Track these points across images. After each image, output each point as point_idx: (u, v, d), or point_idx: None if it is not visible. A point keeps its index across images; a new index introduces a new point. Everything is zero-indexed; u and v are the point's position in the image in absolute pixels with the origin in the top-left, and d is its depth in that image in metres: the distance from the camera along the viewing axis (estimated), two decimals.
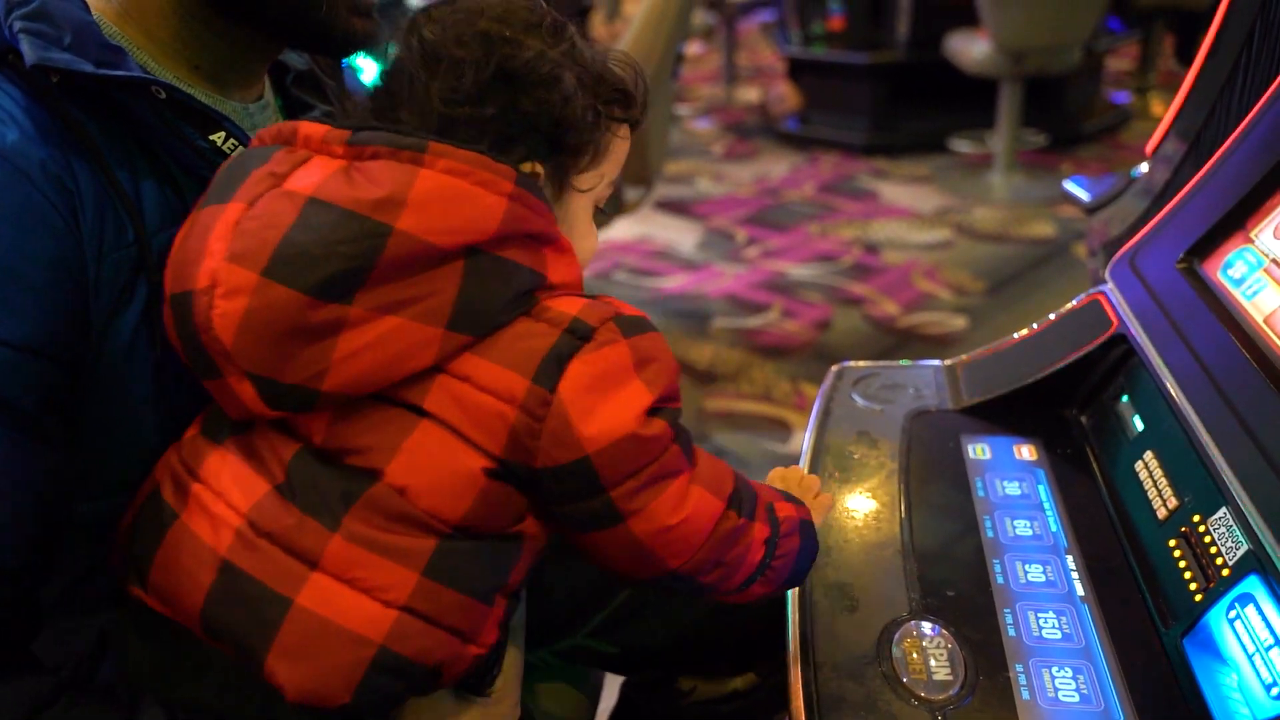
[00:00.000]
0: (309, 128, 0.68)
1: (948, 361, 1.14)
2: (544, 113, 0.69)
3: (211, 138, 0.74)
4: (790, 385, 2.83)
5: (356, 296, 0.61)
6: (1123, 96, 5.54)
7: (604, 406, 0.65)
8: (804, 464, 1.01)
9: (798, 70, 5.41)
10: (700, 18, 6.57)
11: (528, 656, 1.06)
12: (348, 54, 0.87)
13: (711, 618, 1.02)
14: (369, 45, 0.83)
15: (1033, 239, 3.83)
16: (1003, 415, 1.03)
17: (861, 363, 1.19)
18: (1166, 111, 1.29)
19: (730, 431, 2.61)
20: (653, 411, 0.66)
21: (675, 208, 4.42)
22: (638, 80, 0.76)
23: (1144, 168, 1.47)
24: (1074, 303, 1.08)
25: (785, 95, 5.68)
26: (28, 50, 0.66)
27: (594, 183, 0.75)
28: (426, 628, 0.65)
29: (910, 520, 0.88)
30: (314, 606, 0.64)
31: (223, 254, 0.63)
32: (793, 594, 0.80)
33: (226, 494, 0.67)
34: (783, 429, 2.62)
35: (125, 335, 0.71)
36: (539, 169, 0.71)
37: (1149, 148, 1.45)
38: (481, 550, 0.67)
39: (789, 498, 0.78)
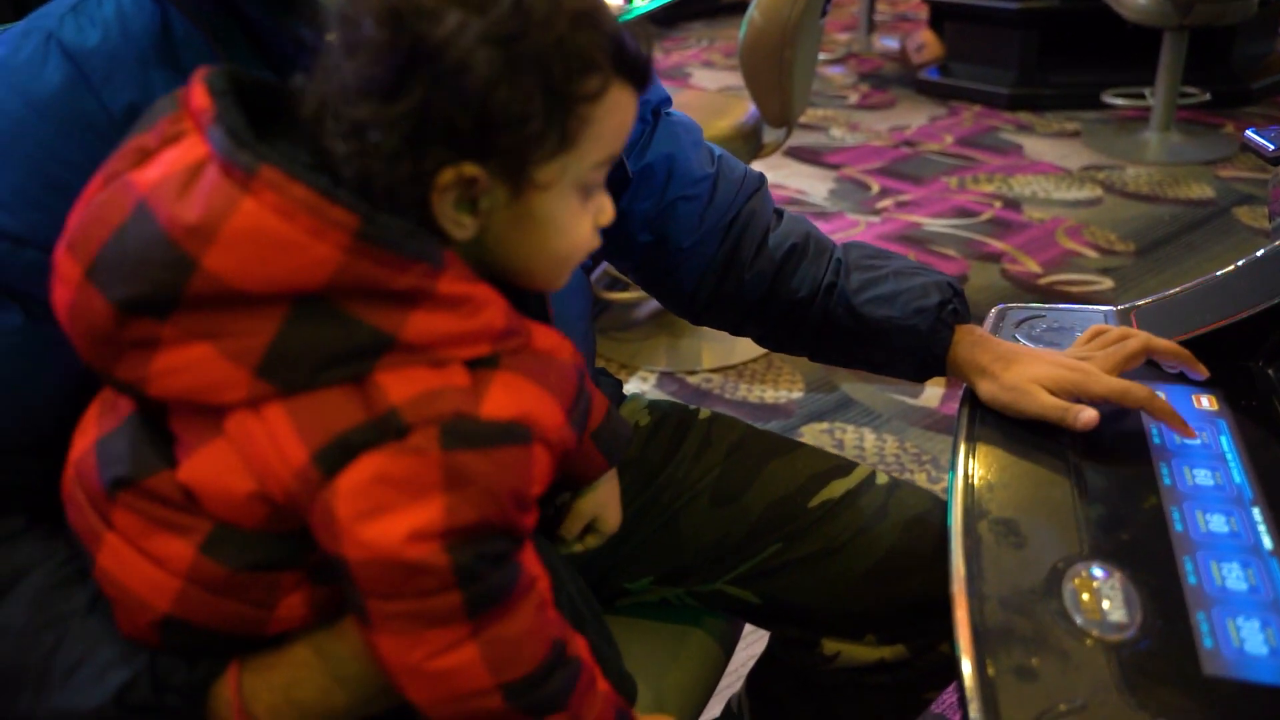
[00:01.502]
0: (199, 95, 0.58)
1: (1121, 306, 1.09)
2: (461, 107, 0.56)
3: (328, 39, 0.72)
4: None
5: (171, 316, 0.56)
6: None
7: (380, 519, 0.56)
8: (963, 410, 0.97)
9: (941, 16, 5.21)
10: None
11: (664, 593, 1.06)
12: None
13: (866, 583, 0.98)
14: None
15: (1189, 200, 3.62)
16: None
17: (1023, 304, 1.14)
18: None
19: (859, 382, 2.57)
20: (443, 540, 0.56)
21: (807, 155, 4.34)
22: (625, 36, 0.61)
23: None
24: (1261, 252, 1.01)
25: (926, 43, 5.48)
26: None
27: (557, 175, 0.60)
28: (212, 599, 0.62)
29: (1081, 465, 0.85)
30: (111, 568, 0.63)
31: (67, 237, 0.59)
32: (956, 526, 0.78)
33: (79, 433, 0.66)
34: (912, 384, 2.56)
35: None
36: (473, 172, 0.57)
37: None
38: (264, 537, 0.61)
39: None
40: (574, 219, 0.64)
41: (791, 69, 2.33)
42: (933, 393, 2.51)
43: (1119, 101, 4.56)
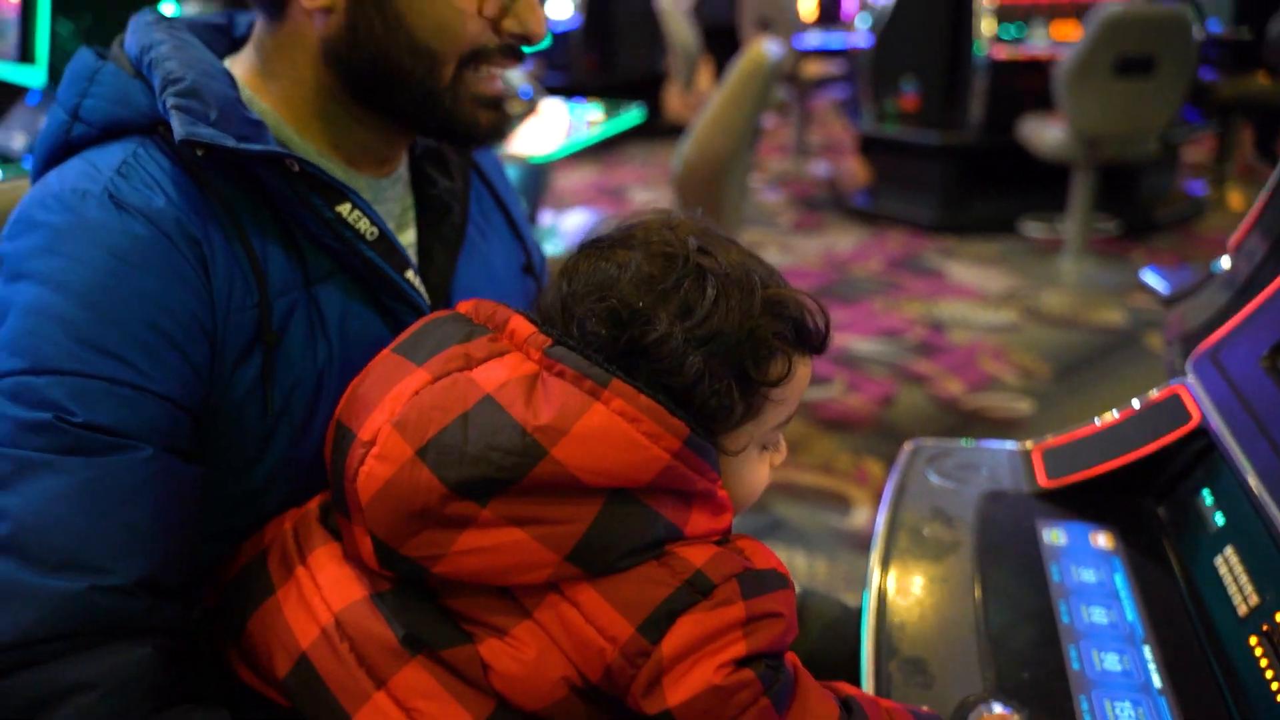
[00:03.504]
0: (518, 322, 0.70)
1: (1024, 444, 1.15)
2: (674, 388, 0.66)
3: (338, 209, 0.78)
4: (852, 459, 2.82)
5: (492, 501, 0.62)
6: (1198, 187, 5.50)
7: (700, 663, 0.63)
8: (877, 539, 1.02)
9: (869, 147, 5.47)
10: (775, 92, 6.69)
11: None
12: (471, 147, 0.92)
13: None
14: (494, 139, 0.88)
15: (1102, 326, 3.80)
16: (1079, 502, 1.03)
17: (935, 440, 1.20)
18: (1247, 206, 1.29)
19: (790, 503, 2.61)
20: (743, 662, 0.64)
21: None
22: (805, 316, 0.71)
23: (1225, 262, 1.47)
24: (1154, 393, 1.08)
25: (855, 171, 5.74)
26: (177, 125, 0.72)
27: (744, 442, 0.72)
28: None
29: (985, 600, 0.89)
30: None
31: (392, 416, 0.65)
32: (868, 666, 0.81)
33: (325, 589, 0.70)
34: (843, 503, 2.62)
35: (239, 392, 0.76)
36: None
37: (1231, 243, 1.45)
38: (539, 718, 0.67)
39: None
40: (753, 472, 0.75)
41: (723, 200, 2.44)
42: (863, 513, 2.56)
43: (1035, 230, 4.80)
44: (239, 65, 0.86)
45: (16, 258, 0.73)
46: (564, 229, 2.85)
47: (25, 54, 2.62)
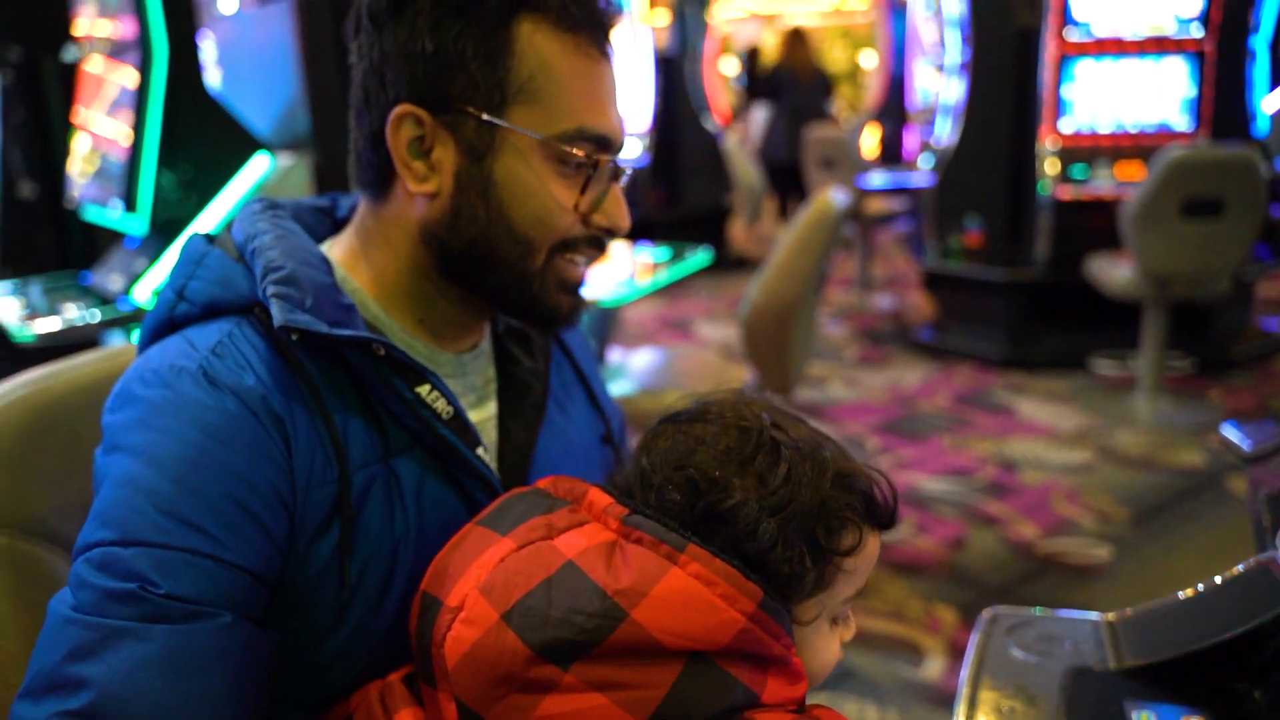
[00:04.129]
0: (596, 494, 0.75)
1: (1107, 616, 1.12)
2: (749, 554, 0.69)
3: (417, 390, 0.82)
4: (923, 606, 2.75)
5: (574, 665, 0.64)
6: (1275, 324, 5.40)
7: None
8: (958, 715, 0.99)
9: (933, 282, 5.50)
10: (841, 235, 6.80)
11: None
12: (550, 329, 0.96)
13: None
14: (572, 322, 0.92)
15: (1181, 468, 3.69)
16: (1167, 681, 1.00)
17: (1014, 609, 1.17)
18: None
19: (861, 651, 2.54)
20: None
21: (806, 411, 4.46)
22: (874, 490, 0.75)
23: None
24: (1242, 566, 1.06)
25: (919, 305, 5.76)
26: (277, 312, 0.77)
27: (815, 612, 0.74)
28: None
29: None
30: None
31: (479, 582, 0.69)
32: None
33: None
34: (915, 653, 2.54)
35: (316, 566, 0.78)
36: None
37: None
38: None
39: None
40: (826, 645, 0.76)
41: (790, 343, 2.47)
42: (936, 663, 2.48)
43: (1106, 367, 4.74)
44: (337, 247, 0.92)
45: (115, 430, 0.78)
46: (632, 367, 2.89)
47: (130, 202, 2.79)
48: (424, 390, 0.82)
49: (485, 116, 0.82)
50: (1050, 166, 4.77)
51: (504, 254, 0.85)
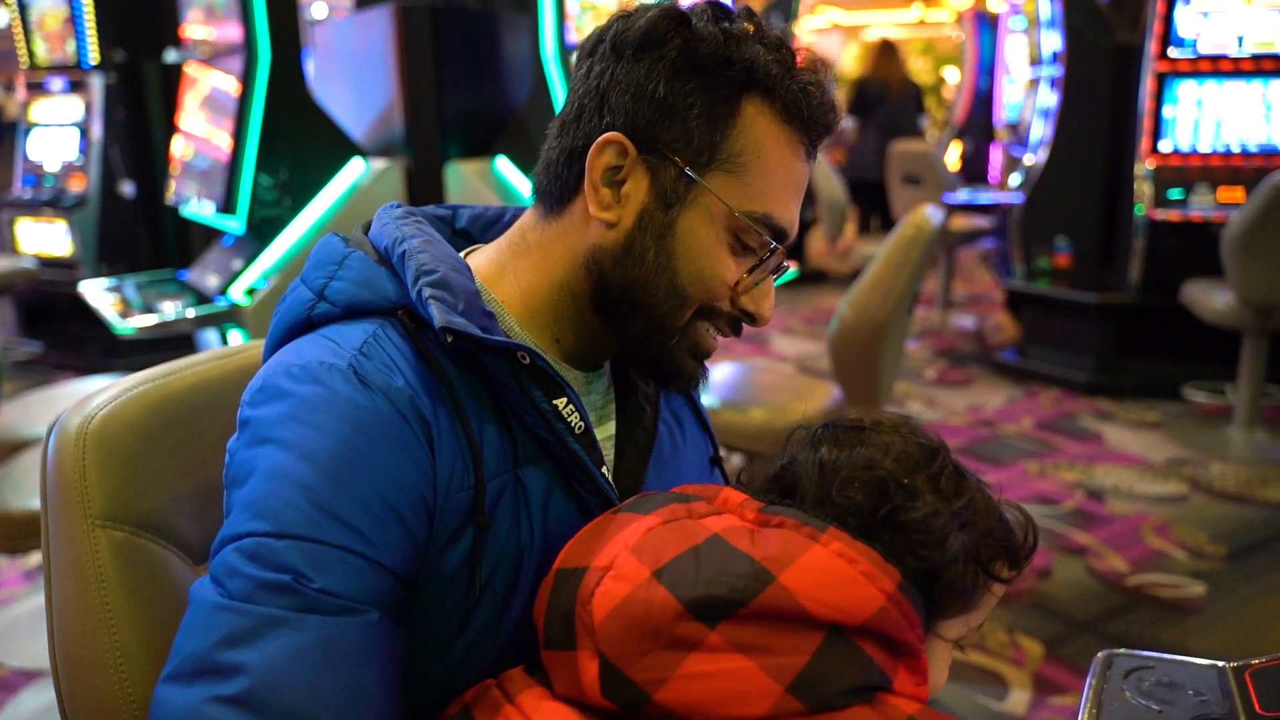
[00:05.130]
0: (729, 493, 0.79)
1: (1231, 664, 1.06)
2: (924, 568, 0.72)
3: (555, 402, 0.82)
4: (1007, 636, 2.67)
5: (720, 624, 0.66)
6: None
7: None
8: None
9: (1017, 302, 5.37)
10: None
11: None
12: (669, 387, 0.97)
13: None
14: (690, 388, 0.93)
15: (1278, 504, 3.54)
16: None
17: (1130, 652, 1.12)
18: None
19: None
20: None
21: None
22: (1028, 535, 0.79)
23: None
24: None
25: (1002, 325, 5.63)
26: (437, 313, 0.78)
27: (960, 631, 0.78)
28: None
29: None
30: None
31: (628, 545, 0.71)
32: None
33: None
34: (999, 684, 2.46)
35: (448, 571, 0.79)
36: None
37: None
38: None
39: None
40: (943, 664, 0.79)
41: (879, 362, 2.42)
42: (1020, 696, 2.40)
43: (1200, 396, 4.57)
44: (478, 256, 0.93)
45: (263, 423, 0.77)
46: (712, 381, 2.87)
47: (228, 202, 2.85)
48: (560, 403, 0.83)
49: (688, 170, 0.84)
50: (1147, 188, 4.63)
51: (656, 301, 0.86)
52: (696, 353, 0.90)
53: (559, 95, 2.89)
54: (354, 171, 2.93)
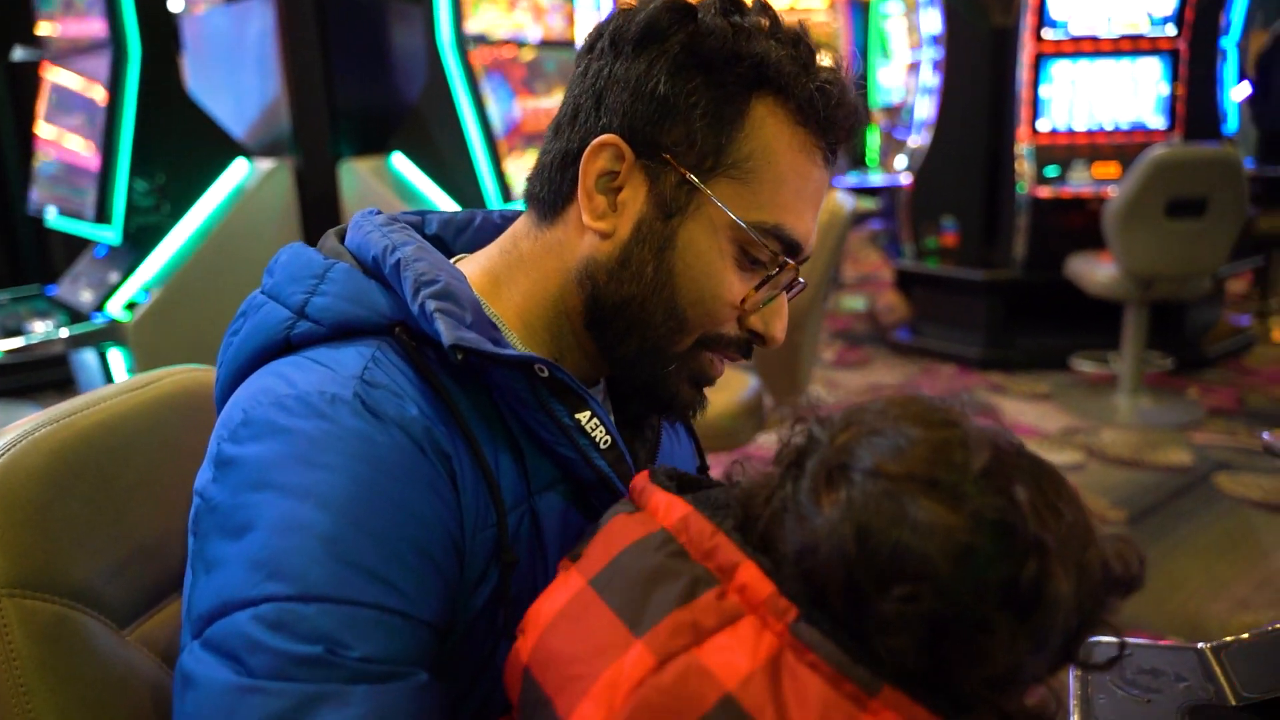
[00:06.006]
0: (750, 574, 0.57)
1: (1208, 645, 1.06)
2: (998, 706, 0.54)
3: (577, 416, 0.74)
4: None
5: None
6: (1245, 319, 5.46)
7: None
8: None
9: (907, 282, 5.48)
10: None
11: None
12: (663, 414, 0.90)
13: None
14: (686, 416, 0.86)
15: (1170, 465, 3.69)
16: None
17: (1104, 639, 1.11)
18: None
19: None
20: None
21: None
22: (1133, 576, 0.58)
23: None
24: None
25: (894, 305, 5.74)
26: (445, 330, 0.69)
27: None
28: None
29: None
30: None
31: (611, 713, 0.55)
32: None
33: None
34: None
35: (473, 611, 0.71)
36: None
37: None
38: None
39: None
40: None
41: (800, 350, 2.40)
42: None
43: (1087, 366, 4.75)
44: (468, 266, 0.84)
45: (258, 465, 0.66)
46: None
47: (101, 211, 2.65)
48: (584, 416, 0.74)
49: (690, 176, 0.76)
50: (1027, 166, 4.77)
51: (654, 323, 0.78)
52: (696, 380, 0.82)
53: (459, 88, 2.78)
54: (238, 173, 2.76)
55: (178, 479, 0.88)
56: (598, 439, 0.75)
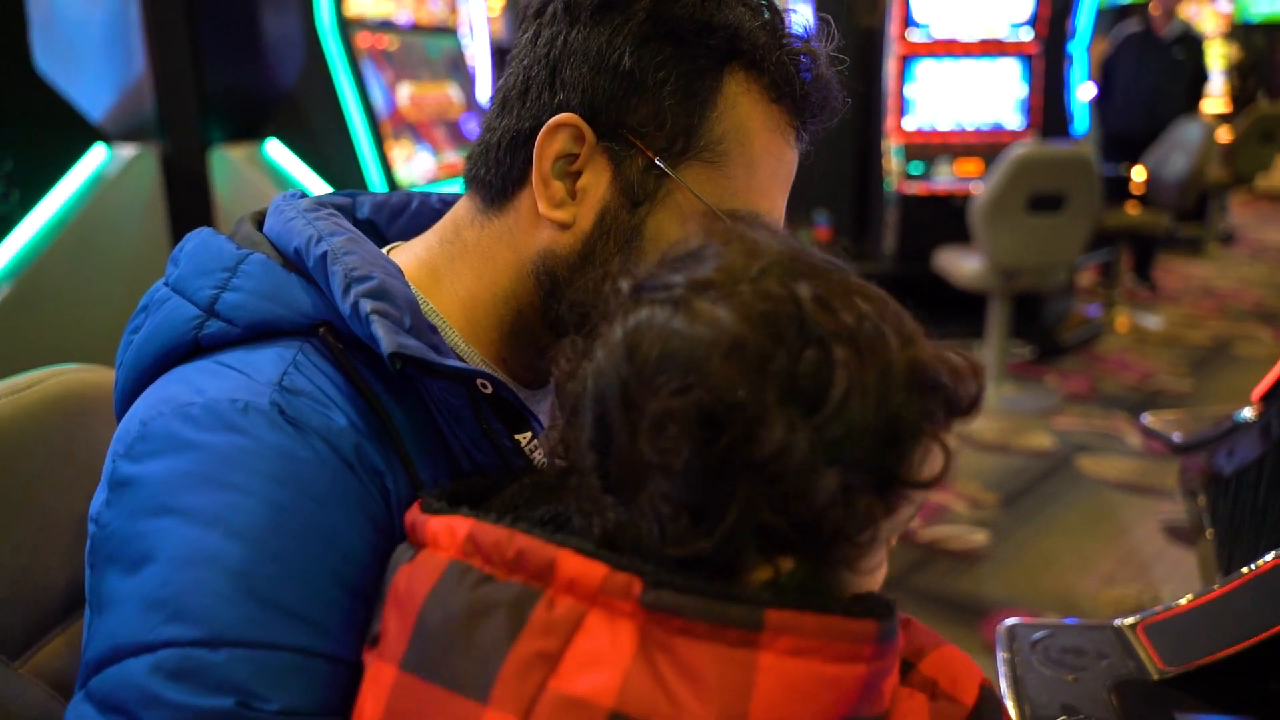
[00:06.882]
0: (571, 563, 0.50)
1: (1126, 621, 1.10)
2: (795, 524, 0.50)
3: (518, 437, 0.68)
4: None
5: None
6: (1094, 310, 5.78)
7: None
8: None
9: None
10: None
11: None
12: None
13: None
14: None
15: (1034, 450, 3.87)
16: (1210, 687, 0.97)
17: (1027, 620, 1.13)
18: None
19: None
20: None
21: None
22: (958, 383, 0.55)
23: (1249, 412, 1.50)
24: (1262, 562, 1.05)
25: None
26: (384, 336, 0.61)
27: (879, 559, 0.57)
28: None
29: None
30: None
31: None
32: None
33: None
34: None
35: None
36: (787, 564, 0.52)
37: (1257, 393, 1.49)
38: None
39: None
40: (880, 570, 0.59)
41: None
42: None
43: None
44: (403, 255, 0.76)
45: (157, 486, 0.58)
46: None
47: None
48: (524, 438, 0.68)
49: (659, 161, 0.70)
50: (895, 163, 4.91)
51: None
52: None
53: (339, 72, 2.66)
54: (96, 159, 2.57)
55: (69, 494, 0.79)
56: (536, 463, 0.69)
